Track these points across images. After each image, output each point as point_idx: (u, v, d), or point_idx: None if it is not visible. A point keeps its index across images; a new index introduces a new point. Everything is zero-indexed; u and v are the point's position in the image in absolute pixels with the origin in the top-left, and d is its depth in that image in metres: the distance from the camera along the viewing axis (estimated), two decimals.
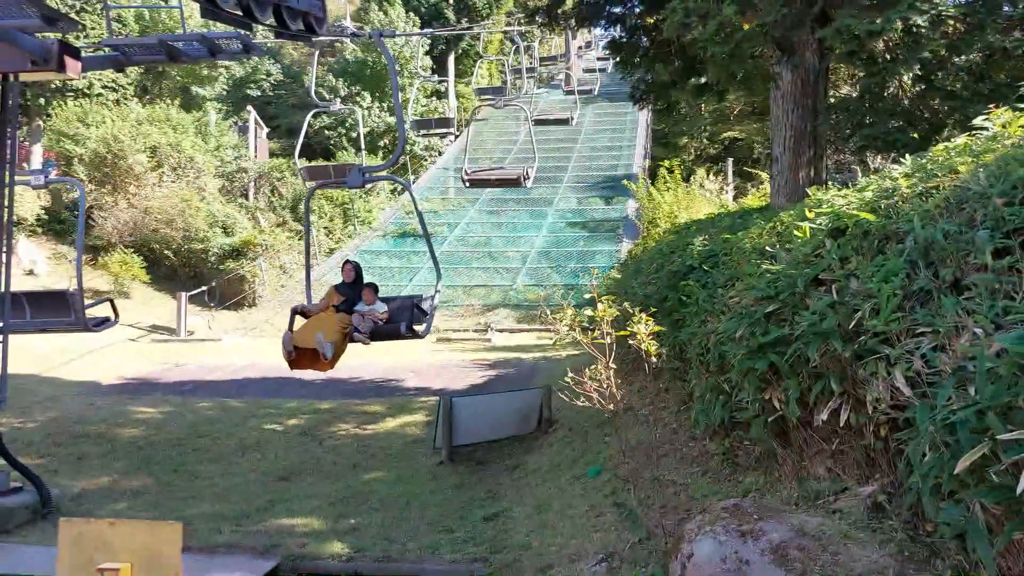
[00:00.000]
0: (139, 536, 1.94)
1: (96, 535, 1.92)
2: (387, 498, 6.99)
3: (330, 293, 8.34)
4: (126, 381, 13.70)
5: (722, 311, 4.67)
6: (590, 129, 37.87)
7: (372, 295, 8.07)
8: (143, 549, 1.96)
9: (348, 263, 8.57)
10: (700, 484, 4.83)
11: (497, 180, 16.19)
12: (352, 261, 8.64)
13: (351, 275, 8.32)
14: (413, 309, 7.95)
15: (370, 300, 8.04)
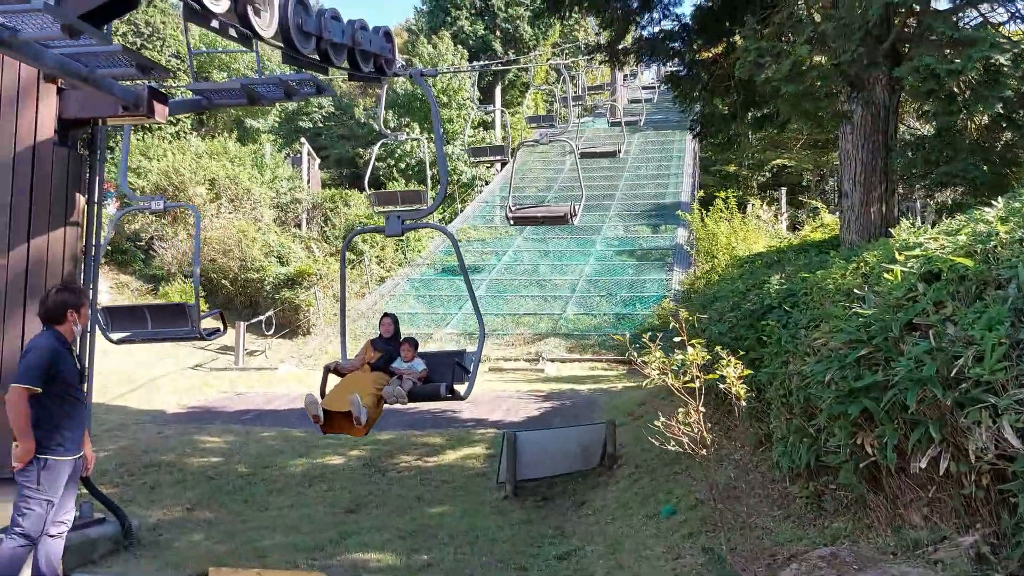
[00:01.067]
0: None
1: None
2: (455, 532, 7.01)
3: (366, 348, 7.88)
4: (189, 409, 13.99)
5: (806, 353, 4.65)
6: (637, 157, 37.91)
7: (411, 351, 7.67)
8: None
9: (387, 316, 8.16)
10: (784, 528, 4.77)
11: (543, 218, 15.75)
12: (391, 315, 8.26)
13: (390, 329, 7.93)
14: (454, 367, 7.42)
15: (408, 357, 7.63)
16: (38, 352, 4.68)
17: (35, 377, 4.59)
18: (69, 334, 4.88)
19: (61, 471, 4.74)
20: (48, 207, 5.92)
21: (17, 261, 5.83)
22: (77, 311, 4.88)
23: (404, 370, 7.44)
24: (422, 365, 7.62)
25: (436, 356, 8.05)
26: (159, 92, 6.08)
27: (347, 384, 7.21)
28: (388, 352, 7.68)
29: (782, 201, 28.62)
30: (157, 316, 9.83)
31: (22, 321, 5.81)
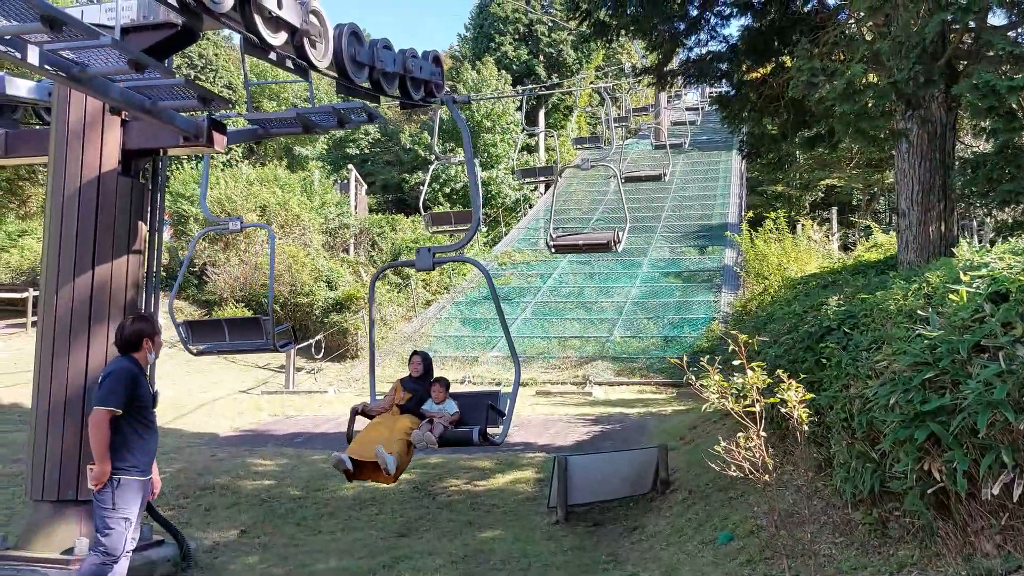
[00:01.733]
0: None
1: None
2: (508, 558, 6.97)
3: (395, 388, 7.59)
4: (242, 433, 14.20)
5: (868, 376, 4.55)
6: (682, 178, 37.74)
7: (442, 392, 7.34)
8: None
9: (416, 355, 7.80)
10: (848, 556, 4.65)
11: (585, 245, 15.07)
12: (421, 352, 7.90)
13: (419, 369, 7.60)
14: (487, 410, 7.06)
15: (439, 398, 7.32)
16: (119, 375, 4.87)
17: (119, 400, 4.78)
18: (144, 361, 5.06)
19: (134, 490, 4.89)
20: (112, 235, 6.11)
21: (83, 288, 6.01)
22: (152, 340, 5.09)
23: (435, 413, 7.17)
24: (454, 407, 7.30)
25: (469, 397, 7.76)
26: (218, 122, 6.26)
27: (375, 428, 6.94)
28: (418, 393, 7.40)
29: (833, 221, 28.18)
30: (234, 329, 10.69)
31: (87, 345, 5.98)
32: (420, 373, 7.58)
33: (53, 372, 5.94)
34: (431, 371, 7.71)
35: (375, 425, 7.00)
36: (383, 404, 7.40)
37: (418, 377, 7.58)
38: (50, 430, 5.93)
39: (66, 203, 6.01)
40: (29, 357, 17.29)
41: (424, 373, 7.59)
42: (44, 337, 6.04)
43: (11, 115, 7.23)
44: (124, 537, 4.86)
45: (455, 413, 7.25)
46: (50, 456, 5.93)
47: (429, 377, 7.59)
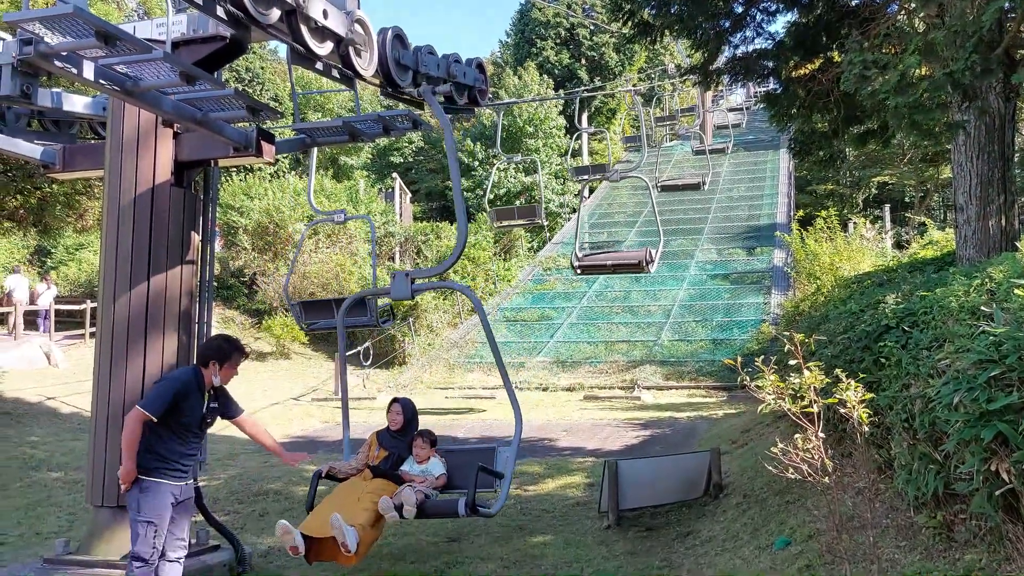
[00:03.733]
0: None
1: None
2: (560, 563, 6.92)
3: (370, 443, 6.50)
4: (293, 439, 14.38)
5: (929, 374, 4.41)
6: (728, 179, 37.28)
7: (426, 448, 6.23)
8: None
9: (396, 403, 6.58)
10: (911, 560, 4.51)
11: (614, 266, 14.01)
12: (402, 400, 6.68)
13: (399, 420, 6.45)
14: (478, 473, 5.81)
15: (422, 457, 6.21)
16: (167, 383, 4.96)
17: (157, 407, 4.81)
18: (208, 380, 5.08)
19: (161, 494, 4.89)
20: (166, 246, 6.23)
21: (138, 298, 6.14)
22: (219, 364, 5.08)
23: (416, 475, 6.07)
24: (440, 468, 6.21)
25: (461, 455, 6.61)
26: (267, 133, 6.36)
27: (338, 496, 5.85)
28: (396, 451, 6.29)
29: (886, 219, 27.55)
30: None
31: (143, 354, 6.11)
32: (400, 426, 6.42)
33: (111, 380, 6.07)
34: (415, 423, 6.54)
35: (339, 491, 5.94)
36: (356, 464, 6.31)
37: (398, 431, 6.42)
38: (109, 437, 6.06)
39: (122, 214, 6.15)
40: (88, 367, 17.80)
41: (405, 425, 6.44)
42: (103, 346, 6.18)
43: (68, 130, 7.45)
44: (149, 542, 4.85)
45: (441, 475, 6.15)
46: (109, 463, 6.06)
47: (412, 430, 6.41)
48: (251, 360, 22.14)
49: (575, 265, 13.60)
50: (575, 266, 13.62)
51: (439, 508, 5.94)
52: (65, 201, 14.56)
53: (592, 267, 13.98)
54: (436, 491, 6.08)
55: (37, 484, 10.36)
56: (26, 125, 7.08)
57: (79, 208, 15.06)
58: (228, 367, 5.11)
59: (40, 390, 16.10)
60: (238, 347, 5.23)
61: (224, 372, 5.10)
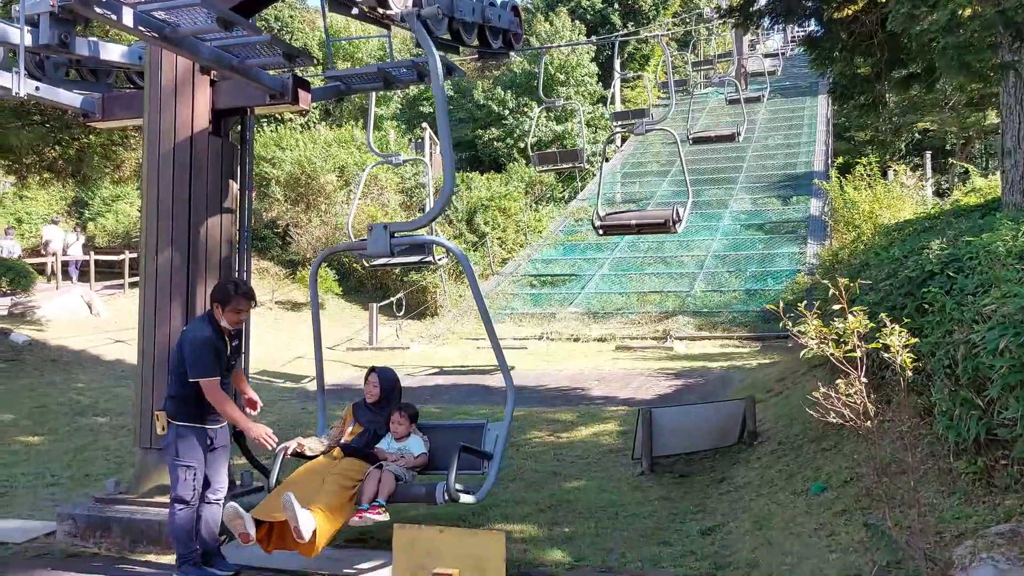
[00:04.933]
0: (465, 543, 2.06)
1: (427, 541, 2.06)
2: (594, 507, 7.01)
3: (345, 418, 5.86)
4: (329, 387, 14.56)
5: (974, 320, 4.35)
6: (764, 127, 36.53)
7: (404, 424, 5.54)
8: (468, 556, 2.08)
9: (373, 372, 5.87)
10: (950, 505, 4.51)
11: (639, 226, 13.16)
12: (381, 369, 5.90)
13: (375, 393, 5.78)
14: (459, 454, 5.08)
15: (400, 433, 5.54)
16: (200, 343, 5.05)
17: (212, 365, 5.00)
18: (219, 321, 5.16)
19: (192, 437, 5.08)
20: (206, 195, 6.29)
21: (180, 247, 6.23)
22: (222, 307, 5.12)
23: (392, 454, 5.44)
24: (421, 446, 5.55)
25: (445, 431, 5.92)
26: (303, 80, 6.35)
27: (302, 477, 5.22)
28: (373, 426, 5.64)
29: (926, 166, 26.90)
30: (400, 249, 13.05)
31: (185, 301, 6.21)
32: (377, 398, 5.75)
33: (156, 327, 6.19)
34: (395, 395, 5.87)
35: (303, 471, 5.30)
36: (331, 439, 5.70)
37: (375, 403, 5.74)
38: (155, 383, 6.20)
39: (162, 162, 6.20)
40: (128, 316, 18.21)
41: (384, 398, 5.76)
42: (146, 293, 6.30)
43: (105, 80, 7.48)
44: (189, 485, 5.07)
45: (421, 455, 5.50)
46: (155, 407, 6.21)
47: (391, 403, 5.75)
48: (285, 310, 22.46)
49: (597, 226, 12.93)
50: (597, 226, 12.94)
51: (413, 494, 5.22)
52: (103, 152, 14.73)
53: (615, 227, 13.23)
54: (414, 472, 5.44)
55: (84, 428, 10.69)
56: (64, 75, 7.13)
57: (116, 159, 15.22)
58: (230, 310, 5.10)
59: (83, 338, 16.48)
60: (242, 291, 5.18)
61: (227, 315, 5.11)
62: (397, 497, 5.17)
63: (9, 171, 15.71)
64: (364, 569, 5.35)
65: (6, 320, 16.97)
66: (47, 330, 16.71)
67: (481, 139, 37.71)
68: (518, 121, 35.92)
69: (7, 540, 6.18)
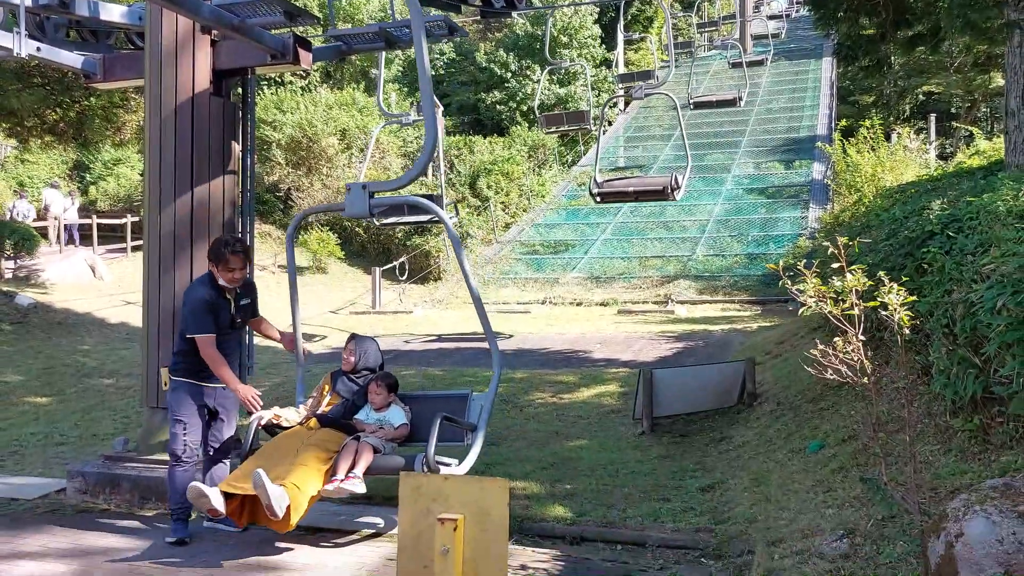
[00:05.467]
0: (470, 490, 2.12)
1: (433, 488, 2.12)
2: (595, 465, 7.12)
3: (322, 387, 5.62)
4: (333, 350, 14.72)
5: (973, 279, 4.39)
6: (768, 90, 36.20)
7: (383, 394, 5.29)
8: (473, 502, 2.14)
9: (352, 340, 5.61)
10: (946, 462, 4.59)
11: (636, 193, 12.77)
12: (360, 338, 5.68)
13: (351, 361, 5.53)
14: (440, 424, 4.76)
15: (379, 403, 5.29)
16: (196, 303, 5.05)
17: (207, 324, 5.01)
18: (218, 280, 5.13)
19: (185, 392, 5.13)
20: (208, 156, 6.29)
21: (183, 208, 6.25)
22: (216, 265, 5.09)
23: (371, 426, 5.19)
24: (401, 417, 5.28)
25: (428, 401, 5.62)
26: (304, 40, 6.31)
27: (273, 449, 4.92)
28: (351, 396, 5.41)
29: (931, 129, 26.72)
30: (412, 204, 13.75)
31: (190, 262, 6.26)
32: (353, 366, 5.52)
33: (161, 288, 6.25)
34: (375, 364, 5.60)
35: (276, 442, 5.02)
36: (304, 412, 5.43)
37: (353, 372, 5.51)
38: (160, 343, 6.27)
39: (164, 124, 6.20)
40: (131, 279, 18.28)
41: (362, 367, 5.53)
42: (151, 255, 6.34)
43: (105, 41, 7.45)
44: (180, 440, 5.10)
45: (402, 426, 5.25)
46: (161, 367, 6.29)
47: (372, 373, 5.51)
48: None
49: (594, 193, 12.59)
50: (594, 194, 12.60)
51: (388, 465, 4.92)
52: (103, 115, 14.68)
53: (613, 195, 12.87)
54: (395, 444, 5.18)
55: (91, 390, 10.82)
56: (64, 36, 7.10)
57: (117, 121, 15.18)
58: (223, 268, 5.04)
59: (88, 302, 16.59)
60: (231, 247, 5.08)
61: (222, 273, 5.06)
62: (374, 469, 4.88)
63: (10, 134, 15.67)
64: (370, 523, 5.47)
65: (11, 283, 17.07)
66: (52, 293, 16.81)
67: (484, 103, 37.42)
68: (521, 84, 35.60)
69: (19, 496, 6.31)
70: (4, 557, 4.88)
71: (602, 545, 5.23)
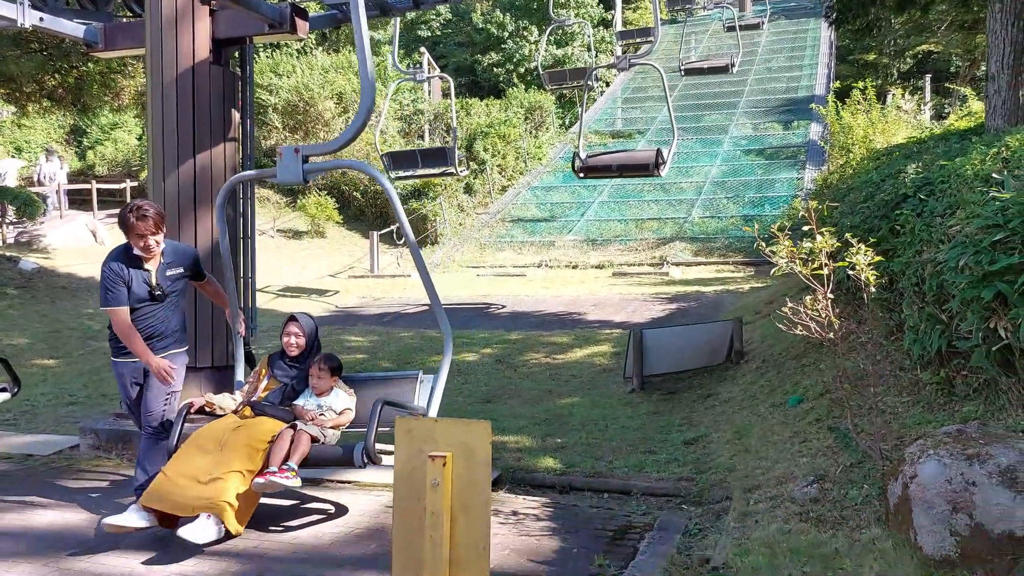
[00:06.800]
0: (457, 431, 2.37)
1: (424, 430, 2.37)
2: (586, 421, 7.42)
3: (260, 371, 5.10)
4: (333, 312, 15.02)
5: (941, 240, 4.62)
6: (767, 49, 36.00)
7: (326, 378, 4.83)
8: (460, 443, 2.39)
9: (293, 320, 5.07)
10: (913, 413, 4.86)
11: (620, 168, 12.31)
12: (301, 316, 5.11)
13: (294, 345, 5.01)
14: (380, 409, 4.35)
15: (322, 387, 4.84)
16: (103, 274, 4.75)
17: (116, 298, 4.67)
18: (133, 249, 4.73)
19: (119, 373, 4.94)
20: (209, 124, 6.47)
21: (185, 174, 6.45)
22: (126, 234, 4.70)
23: (311, 412, 4.74)
24: (345, 400, 4.86)
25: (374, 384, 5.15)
26: (301, 9, 6.46)
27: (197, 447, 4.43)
28: (291, 381, 4.94)
29: (926, 90, 26.71)
30: (425, 157, 14.85)
31: (194, 228, 6.48)
32: (298, 352, 5.00)
33: None
34: (315, 345, 5.12)
35: (199, 439, 4.50)
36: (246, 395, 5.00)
37: (297, 357, 5.00)
38: None
39: (165, 93, 6.37)
40: None
41: (306, 351, 5.03)
42: None
43: (105, 9, 7.58)
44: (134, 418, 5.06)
45: (345, 411, 4.84)
46: None
47: (311, 354, 5.03)
48: (287, 238, 22.72)
49: (577, 168, 12.07)
50: (577, 169, 12.08)
51: (326, 456, 4.57)
52: (101, 80, 14.75)
53: (596, 169, 12.37)
54: (337, 432, 4.81)
55: (97, 352, 11.08)
56: (64, 4, 7.23)
57: (115, 87, 15.25)
58: (133, 235, 4.65)
59: (90, 266, 16.78)
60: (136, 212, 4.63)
61: (132, 240, 4.68)
62: (311, 460, 4.50)
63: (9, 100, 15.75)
64: None
65: (13, 248, 17.28)
66: (54, 258, 17.03)
67: (480, 64, 37.28)
68: (518, 45, 35.45)
69: (34, 453, 6.60)
70: (24, 508, 5.18)
71: (590, 494, 5.53)
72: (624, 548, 4.40)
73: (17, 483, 5.80)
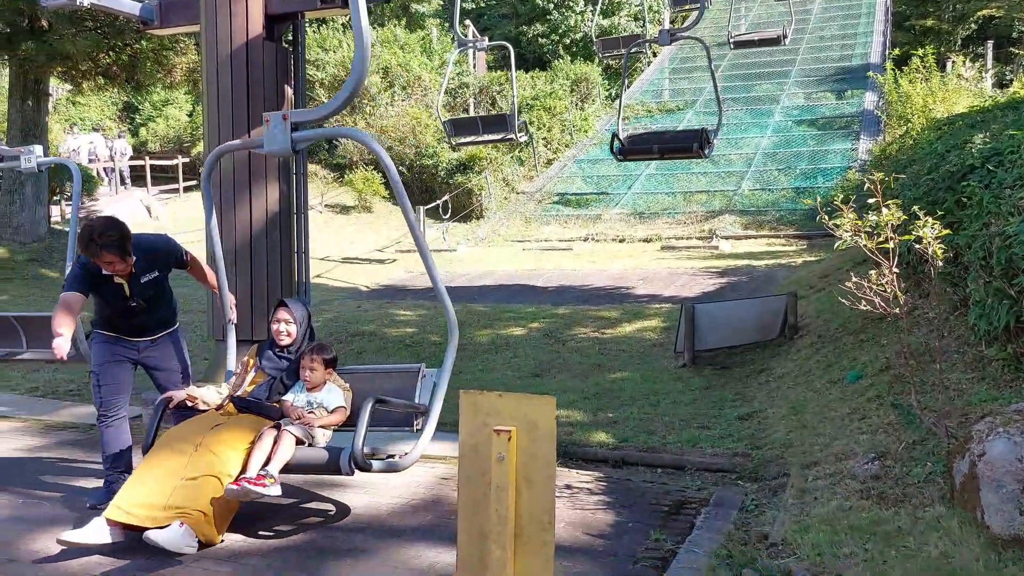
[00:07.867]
0: (521, 406, 2.38)
1: (488, 403, 2.38)
2: (637, 395, 7.39)
3: (247, 363, 4.65)
4: (381, 287, 15.17)
5: (1010, 212, 4.46)
6: (819, 17, 35.02)
7: (320, 370, 4.32)
8: (524, 417, 2.40)
9: (283, 307, 4.61)
10: (978, 390, 4.73)
11: (662, 150, 11.59)
12: (292, 301, 4.70)
13: (284, 334, 4.53)
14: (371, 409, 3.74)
15: (315, 381, 4.33)
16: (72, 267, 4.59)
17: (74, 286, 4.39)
18: None
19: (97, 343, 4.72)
20: (263, 99, 6.54)
21: (241, 151, 6.53)
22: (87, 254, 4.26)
23: (301, 409, 4.26)
24: (339, 398, 4.34)
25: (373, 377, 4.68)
26: None
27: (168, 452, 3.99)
28: (280, 375, 4.49)
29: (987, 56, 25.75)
30: (486, 124, 14.85)
31: (249, 202, 6.57)
32: (289, 341, 4.54)
33: (223, 226, 6.56)
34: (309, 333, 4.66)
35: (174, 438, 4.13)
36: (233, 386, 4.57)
37: (287, 347, 4.55)
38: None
39: (220, 69, 6.44)
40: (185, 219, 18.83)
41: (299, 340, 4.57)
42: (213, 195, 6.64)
43: None
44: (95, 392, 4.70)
45: (338, 408, 4.32)
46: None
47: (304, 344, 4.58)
48: (335, 213, 22.94)
49: (616, 152, 11.33)
50: (616, 153, 11.35)
51: (311, 461, 4.03)
52: (154, 57, 14.99)
53: (637, 152, 11.69)
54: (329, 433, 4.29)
55: None
56: None
57: (168, 64, 15.49)
58: (98, 261, 4.25)
59: None
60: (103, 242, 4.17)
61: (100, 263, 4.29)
62: (293, 466, 4.00)
63: (65, 78, 16.10)
64: None
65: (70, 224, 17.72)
66: None
67: (525, 36, 36.94)
68: (563, 16, 35.02)
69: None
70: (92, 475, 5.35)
71: (643, 468, 5.51)
72: (680, 523, 4.38)
73: (88, 449, 5.99)
